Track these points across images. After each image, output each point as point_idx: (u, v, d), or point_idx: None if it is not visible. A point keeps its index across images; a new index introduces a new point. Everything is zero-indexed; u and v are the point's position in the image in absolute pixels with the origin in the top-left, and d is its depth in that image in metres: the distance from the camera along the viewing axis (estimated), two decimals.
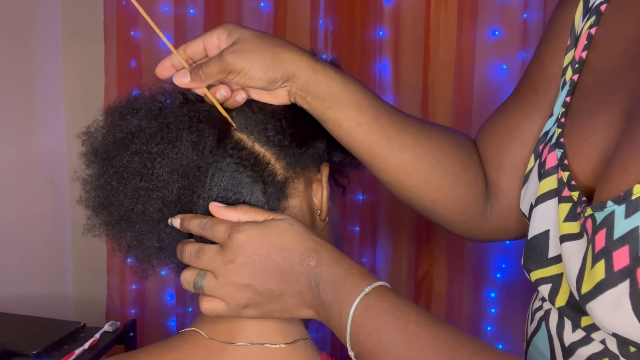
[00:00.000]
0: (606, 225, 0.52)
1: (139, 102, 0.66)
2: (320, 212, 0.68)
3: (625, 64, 0.61)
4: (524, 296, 1.61)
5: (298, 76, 0.65)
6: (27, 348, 1.32)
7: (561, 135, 0.64)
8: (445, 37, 1.61)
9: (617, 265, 0.51)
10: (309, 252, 0.59)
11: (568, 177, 0.61)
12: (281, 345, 0.62)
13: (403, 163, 0.72)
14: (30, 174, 1.73)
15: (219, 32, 0.65)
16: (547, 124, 0.69)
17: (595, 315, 0.53)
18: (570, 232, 0.58)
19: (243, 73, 0.63)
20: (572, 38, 0.69)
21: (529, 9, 1.56)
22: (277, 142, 0.64)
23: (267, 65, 0.63)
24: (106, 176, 0.64)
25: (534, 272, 0.64)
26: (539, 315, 0.66)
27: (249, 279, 0.59)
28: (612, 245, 0.51)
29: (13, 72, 1.71)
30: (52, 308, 1.81)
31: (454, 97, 1.61)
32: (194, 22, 1.74)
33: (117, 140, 0.63)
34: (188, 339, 0.64)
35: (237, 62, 0.62)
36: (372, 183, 1.71)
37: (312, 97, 0.66)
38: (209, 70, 0.63)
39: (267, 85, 0.64)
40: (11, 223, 1.68)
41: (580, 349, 0.59)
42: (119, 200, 0.63)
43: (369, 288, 0.57)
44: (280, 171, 0.64)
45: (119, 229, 0.65)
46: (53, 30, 1.86)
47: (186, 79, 0.64)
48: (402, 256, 1.72)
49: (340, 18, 1.66)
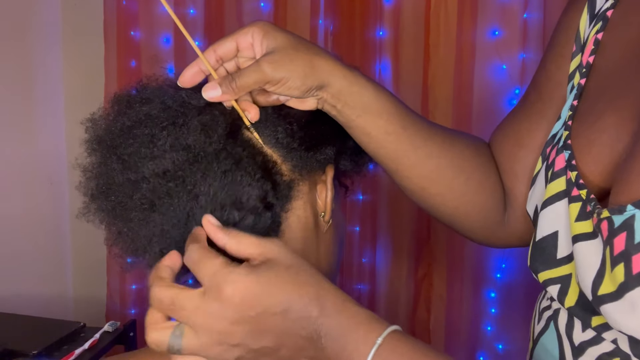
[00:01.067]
0: (626, 228, 0.52)
1: (147, 91, 0.64)
2: (324, 213, 0.67)
3: (632, 66, 0.61)
4: (524, 296, 1.61)
5: (332, 85, 0.64)
6: (27, 348, 1.32)
7: (568, 137, 0.64)
8: (445, 37, 1.61)
9: (636, 268, 0.50)
10: (311, 300, 0.52)
11: (576, 177, 0.61)
12: None
13: (428, 171, 0.73)
14: (30, 174, 1.73)
15: (254, 31, 0.62)
16: (554, 127, 0.69)
17: (611, 317, 0.53)
18: (584, 231, 0.58)
19: (281, 83, 0.61)
20: (578, 44, 0.69)
21: (529, 9, 1.56)
22: (285, 144, 0.63)
23: (305, 75, 0.61)
24: (110, 163, 0.63)
25: (542, 272, 0.64)
26: (548, 315, 0.66)
27: (241, 339, 0.51)
28: (632, 249, 0.51)
29: (13, 71, 1.71)
30: (52, 308, 1.81)
31: (454, 97, 1.61)
32: (194, 22, 1.74)
33: (125, 129, 0.62)
34: None
35: (276, 73, 0.60)
36: (372, 183, 1.71)
37: (342, 105, 0.66)
38: (244, 81, 0.60)
39: (302, 94, 0.63)
40: (11, 223, 1.68)
41: (590, 348, 0.59)
42: (119, 188, 0.62)
43: (380, 339, 0.52)
44: (287, 173, 0.64)
45: (114, 215, 0.64)
46: (53, 30, 1.86)
47: (216, 92, 0.60)
48: (402, 256, 1.72)
49: (340, 18, 1.66)
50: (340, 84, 0.64)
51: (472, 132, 1.61)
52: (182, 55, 1.75)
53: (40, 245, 1.80)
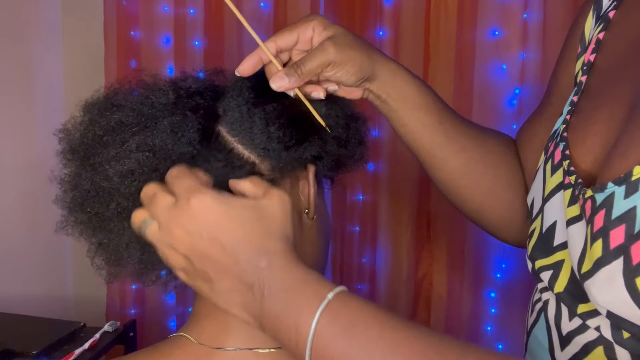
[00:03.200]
0: (606, 205, 0.54)
1: (118, 97, 0.63)
2: (307, 210, 0.66)
3: (631, 60, 0.62)
4: (524, 296, 1.61)
5: (380, 77, 0.68)
6: (27, 348, 1.32)
7: (565, 130, 0.66)
8: (445, 37, 1.61)
9: (613, 243, 0.52)
10: (262, 252, 0.52)
11: (568, 165, 0.63)
12: (271, 349, 0.62)
13: (460, 164, 0.76)
14: (30, 173, 1.73)
15: (315, 24, 0.65)
16: (556, 124, 0.71)
17: (591, 292, 0.54)
18: (573, 215, 0.60)
19: (341, 66, 0.64)
20: (582, 45, 0.71)
21: (529, 9, 1.56)
22: (263, 145, 0.62)
23: (362, 62, 0.65)
24: (83, 174, 0.62)
25: (539, 260, 0.66)
26: (539, 307, 0.68)
27: (187, 251, 0.53)
28: (610, 225, 0.53)
29: (13, 71, 1.71)
30: (52, 308, 1.81)
31: (454, 97, 1.61)
32: (194, 22, 1.74)
33: (96, 138, 0.61)
34: (176, 344, 0.63)
35: (338, 55, 0.63)
36: (372, 183, 1.71)
37: (386, 96, 0.70)
38: (310, 65, 0.63)
39: (355, 82, 0.67)
40: (11, 223, 1.68)
41: (576, 337, 0.60)
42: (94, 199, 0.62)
43: (331, 294, 0.50)
44: (266, 172, 0.62)
45: (92, 228, 0.63)
46: (53, 30, 1.86)
47: (284, 81, 0.62)
48: (402, 256, 1.72)
49: (340, 18, 1.66)
50: (387, 76, 0.69)
51: None
52: (182, 55, 1.75)
53: (40, 245, 1.79)
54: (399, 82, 0.70)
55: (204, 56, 1.73)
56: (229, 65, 0.68)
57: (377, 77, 0.68)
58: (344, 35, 0.65)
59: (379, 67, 0.68)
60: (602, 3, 0.70)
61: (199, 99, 0.63)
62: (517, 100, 1.58)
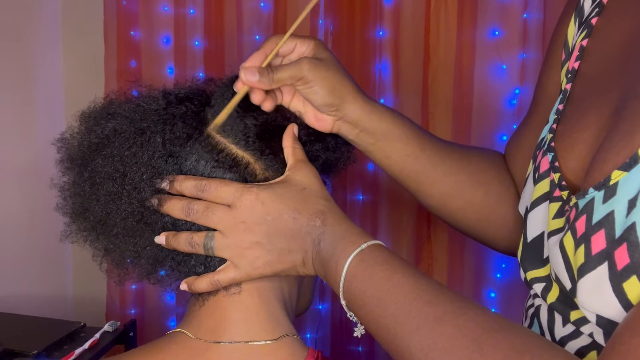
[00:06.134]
0: (586, 211, 0.54)
1: (113, 106, 0.66)
2: None
3: (615, 66, 0.62)
4: (524, 296, 1.61)
5: (352, 110, 0.70)
6: (27, 348, 1.32)
7: (552, 140, 0.66)
8: (445, 37, 1.61)
9: (595, 248, 0.52)
10: (317, 214, 0.63)
11: (559, 179, 0.63)
12: (267, 341, 0.63)
13: (448, 188, 0.77)
14: (30, 174, 1.73)
15: (312, 43, 0.69)
16: (543, 132, 0.71)
17: (579, 298, 0.55)
18: (556, 227, 0.61)
19: (309, 85, 0.67)
20: (566, 52, 0.71)
21: (529, 9, 1.56)
22: (257, 147, 0.65)
23: (333, 87, 0.68)
24: (81, 182, 0.64)
25: (530, 271, 0.66)
26: (531, 312, 0.69)
27: (260, 237, 0.62)
28: (590, 230, 0.53)
29: (13, 72, 1.71)
30: (52, 308, 1.81)
31: (454, 97, 1.61)
32: (194, 22, 1.74)
33: (92, 146, 0.64)
34: (174, 340, 0.65)
35: (310, 73, 0.66)
36: (372, 183, 1.71)
37: (361, 130, 0.72)
38: (282, 74, 0.66)
39: (322, 107, 0.69)
40: (11, 223, 1.68)
41: (570, 342, 0.60)
42: (93, 206, 0.63)
43: (365, 245, 0.61)
44: (260, 171, 0.65)
45: (96, 234, 0.65)
46: (53, 30, 1.86)
47: (254, 77, 0.66)
48: (402, 256, 1.72)
49: (340, 18, 1.66)
50: (360, 111, 0.71)
51: (472, 131, 1.61)
52: (182, 55, 1.75)
53: (40, 245, 1.79)
54: (374, 117, 0.72)
55: (204, 56, 1.73)
56: (229, 65, 0.69)
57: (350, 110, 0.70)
58: (327, 60, 0.68)
59: (350, 99, 0.70)
60: (584, 9, 0.70)
61: (189, 104, 0.65)
62: (517, 100, 1.58)
